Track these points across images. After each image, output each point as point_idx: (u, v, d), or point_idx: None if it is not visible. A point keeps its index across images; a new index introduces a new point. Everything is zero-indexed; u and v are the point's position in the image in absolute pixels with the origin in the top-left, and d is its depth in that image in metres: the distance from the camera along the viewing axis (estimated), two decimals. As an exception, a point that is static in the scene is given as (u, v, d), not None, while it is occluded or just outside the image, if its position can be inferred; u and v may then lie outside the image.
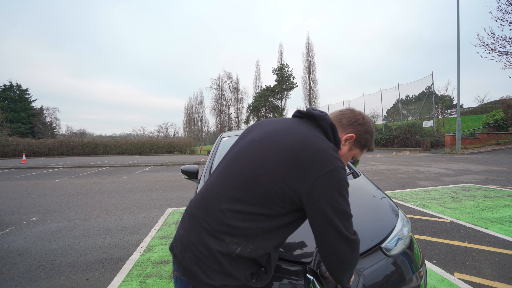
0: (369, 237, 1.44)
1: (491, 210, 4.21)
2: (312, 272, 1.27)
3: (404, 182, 7.10)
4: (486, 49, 14.95)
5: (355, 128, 1.00)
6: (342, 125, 1.01)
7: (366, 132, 1.01)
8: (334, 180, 0.79)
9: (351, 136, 0.98)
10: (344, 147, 1.01)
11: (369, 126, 1.02)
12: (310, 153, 0.81)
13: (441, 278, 2.35)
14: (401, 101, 23.43)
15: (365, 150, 1.05)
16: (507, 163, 10.07)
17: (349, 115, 1.02)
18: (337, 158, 0.82)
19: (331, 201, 0.79)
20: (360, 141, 1.01)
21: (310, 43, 37.72)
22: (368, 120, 1.03)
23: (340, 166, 0.81)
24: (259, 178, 0.83)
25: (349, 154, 1.03)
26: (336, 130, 0.92)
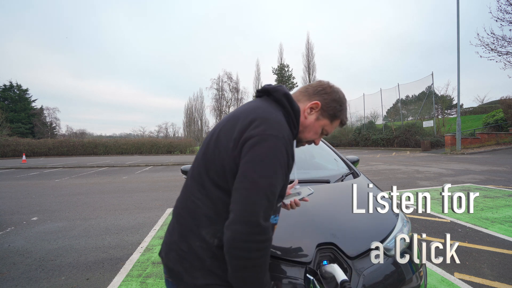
0: (369, 237, 1.44)
1: (491, 210, 4.21)
2: (312, 272, 1.27)
3: (404, 182, 7.10)
4: (486, 49, 14.96)
5: (321, 96, 0.95)
6: (308, 94, 0.97)
7: (333, 101, 0.95)
8: (260, 146, 0.75)
9: (316, 103, 0.93)
10: (310, 116, 0.95)
11: (338, 95, 0.96)
12: (247, 120, 0.81)
13: (441, 278, 2.35)
14: (401, 101, 23.43)
15: (336, 122, 0.99)
16: (507, 163, 10.07)
17: (315, 85, 0.98)
18: (274, 127, 0.79)
19: (249, 165, 0.75)
20: (328, 110, 0.95)
21: (310, 43, 37.71)
22: (337, 90, 0.97)
23: (274, 135, 0.77)
24: (218, 154, 0.83)
25: (317, 125, 0.96)
26: (291, 98, 0.91)
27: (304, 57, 37.68)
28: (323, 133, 1.00)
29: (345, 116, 0.99)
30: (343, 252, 1.34)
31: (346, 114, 1.00)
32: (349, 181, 2.14)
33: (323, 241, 1.37)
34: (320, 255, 1.34)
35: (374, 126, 25.18)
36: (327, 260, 1.32)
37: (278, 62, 41.00)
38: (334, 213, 1.66)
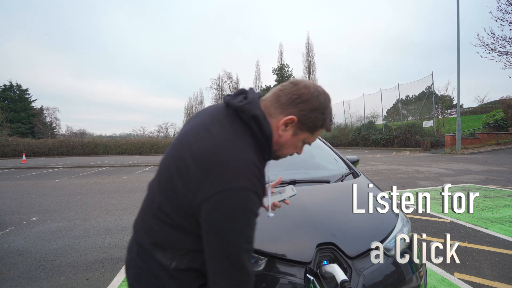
0: (369, 237, 1.44)
1: (491, 210, 4.22)
2: (312, 272, 1.27)
3: (404, 182, 7.10)
4: (486, 49, 14.96)
5: (297, 107, 0.76)
6: (280, 105, 0.77)
7: (313, 111, 0.76)
8: (222, 205, 0.64)
9: (291, 119, 0.75)
10: (285, 133, 0.78)
11: (318, 101, 0.77)
12: (202, 169, 0.67)
13: (441, 278, 2.35)
14: (401, 101, 23.43)
15: (318, 132, 0.82)
16: (507, 163, 10.07)
17: (289, 90, 0.78)
18: (239, 176, 0.66)
19: (215, 232, 0.66)
20: (307, 123, 0.77)
21: (310, 43, 37.70)
22: (316, 93, 0.77)
23: (240, 187, 0.65)
24: (172, 189, 0.72)
25: (296, 140, 0.81)
26: (261, 123, 0.74)
27: (304, 57, 37.70)
28: (304, 144, 0.86)
29: (329, 122, 0.82)
30: (343, 252, 1.34)
31: (331, 118, 0.82)
32: (349, 181, 2.14)
33: (323, 241, 1.37)
34: (320, 255, 1.34)
35: (374, 126, 25.18)
36: (327, 260, 1.32)
37: (278, 62, 41.01)
38: (334, 213, 1.66)
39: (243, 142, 0.72)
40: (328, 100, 0.81)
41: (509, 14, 14.15)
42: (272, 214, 0.94)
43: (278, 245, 1.39)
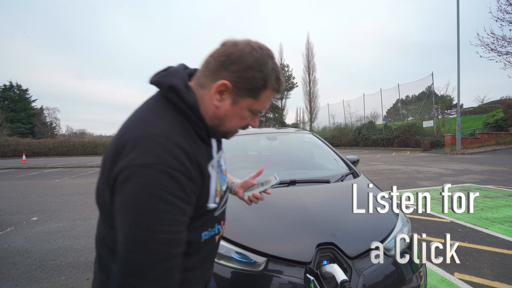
0: (369, 237, 1.44)
1: (491, 210, 4.22)
2: (312, 272, 1.27)
3: (404, 182, 7.10)
4: (486, 49, 14.95)
5: (228, 69, 0.65)
6: (211, 72, 0.66)
7: (247, 70, 0.64)
8: (130, 186, 0.56)
9: (223, 84, 0.64)
10: (223, 103, 0.67)
11: (251, 57, 0.65)
12: (121, 141, 0.60)
13: (441, 278, 2.35)
14: (401, 101, 23.43)
15: (264, 95, 0.69)
16: (507, 163, 10.07)
17: (217, 54, 0.67)
18: (149, 151, 0.57)
19: (120, 213, 0.57)
20: (244, 86, 0.65)
21: (310, 43, 37.66)
22: (248, 49, 0.65)
23: (146, 164, 0.55)
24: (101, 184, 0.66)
25: (238, 109, 0.69)
26: (180, 92, 0.65)
27: (304, 57, 37.67)
28: (255, 113, 0.72)
29: (275, 81, 0.69)
30: (343, 252, 1.34)
31: (277, 76, 0.69)
32: (349, 181, 2.14)
33: (323, 241, 1.37)
34: (320, 255, 1.34)
35: (374, 126, 25.17)
36: (327, 260, 1.32)
37: (278, 62, 40.92)
38: (334, 213, 1.66)
39: (161, 118, 0.63)
40: (267, 55, 0.67)
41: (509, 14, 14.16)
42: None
43: (278, 245, 1.39)
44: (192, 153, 0.62)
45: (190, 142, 0.64)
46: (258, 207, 1.68)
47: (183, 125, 0.65)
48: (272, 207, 1.71)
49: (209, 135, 0.70)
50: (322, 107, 35.33)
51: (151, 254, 0.55)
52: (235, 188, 1.03)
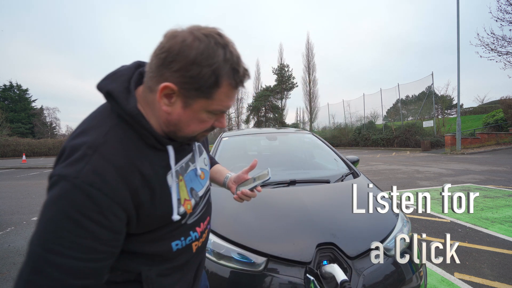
0: (369, 237, 1.44)
1: (491, 210, 4.22)
2: (312, 272, 1.27)
3: (404, 182, 7.10)
4: (486, 49, 14.95)
5: (170, 68, 0.54)
6: (153, 72, 0.57)
7: (191, 66, 0.53)
8: (47, 196, 0.51)
9: (166, 87, 0.55)
10: (173, 108, 0.58)
11: (193, 51, 0.53)
12: (60, 150, 0.57)
13: (441, 278, 2.35)
14: (401, 101, 23.43)
15: (219, 92, 0.57)
16: (507, 163, 10.07)
17: (158, 48, 0.56)
18: (73, 163, 0.52)
19: (35, 233, 0.50)
20: (192, 85, 0.55)
21: (310, 43, 37.65)
22: (189, 41, 0.54)
23: (64, 176, 0.50)
24: None
25: (193, 113, 0.59)
26: (116, 97, 0.58)
27: (304, 57, 37.67)
28: (216, 113, 0.62)
29: (231, 73, 0.57)
30: (343, 252, 1.34)
31: (234, 66, 0.57)
32: (349, 181, 2.14)
33: (323, 241, 1.37)
34: (320, 255, 1.34)
35: (374, 126, 25.17)
36: (327, 260, 1.32)
37: (278, 62, 40.96)
38: (334, 213, 1.66)
39: (99, 128, 0.58)
40: (216, 43, 0.55)
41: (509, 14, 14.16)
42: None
43: (278, 245, 1.39)
44: (128, 168, 0.56)
45: (130, 155, 0.57)
46: (258, 207, 1.69)
47: (126, 135, 0.59)
48: (272, 207, 1.71)
49: (161, 142, 0.62)
50: (322, 107, 35.36)
51: (40, 277, 0.47)
52: (229, 183, 0.97)
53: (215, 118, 0.64)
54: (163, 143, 0.63)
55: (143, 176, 0.58)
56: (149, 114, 0.61)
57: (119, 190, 0.54)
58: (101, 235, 0.52)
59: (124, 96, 0.59)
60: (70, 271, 0.49)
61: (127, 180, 0.55)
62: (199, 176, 0.76)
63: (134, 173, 0.57)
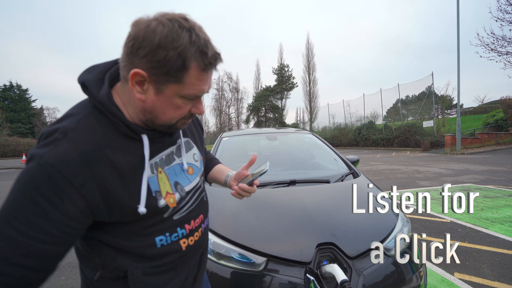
0: (369, 237, 1.44)
1: (491, 210, 4.22)
2: (312, 272, 1.27)
3: (404, 182, 7.10)
4: (486, 49, 14.95)
5: (137, 55, 0.55)
6: (124, 61, 0.58)
7: (156, 51, 0.54)
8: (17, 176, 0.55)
9: (135, 73, 0.56)
10: (146, 95, 0.59)
11: (157, 35, 0.54)
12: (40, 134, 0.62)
13: (441, 278, 2.35)
14: (401, 101, 23.43)
15: (188, 75, 0.57)
16: (507, 163, 10.07)
17: (127, 37, 0.57)
18: (43, 144, 0.55)
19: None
20: (160, 70, 0.55)
21: (310, 43, 37.66)
22: (153, 26, 0.54)
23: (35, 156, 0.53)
24: None
25: (166, 99, 0.60)
26: (88, 87, 0.61)
27: (304, 57, 37.67)
28: (191, 98, 0.62)
29: (198, 53, 0.56)
30: (343, 252, 1.34)
31: (202, 49, 0.56)
32: (349, 181, 2.14)
33: (323, 241, 1.37)
34: (320, 255, 1.34)
35: (374, 126, 25.17)
36: (327, 260, 1.32)
37: (278, 62, 40.99)
38: (334, 213, 1.66)
39: (74, 115, 0.60)
40: (179, 27, 0.55)
41: (509, 14, 14.16)
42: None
43: (278, 245, 1.39)
44: (95, 154, 0.57)
45: (99, 142, 0.58)
46: (258, 207, 1.69)
47: (99, 123, 0.60)
48: (272, 207, 1.71)
49: (134, 130, 0.62)
50: (322, 107, 35.37)
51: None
52: (229, 181, 0.96)
53: (192, 104, 0.64)
54: (136, 131, 0.62)
55: (112, 163, 0.58)
56: (127, 104, 0.63)
57: (79, 174, 0.54)
58: (53, 216, 0.52)
59: (96, 86, 0.61)
60: (15, 245, 0.51)
61: (92, 166, 0.56)
62: (186, 170, 0.75)
63: (101, 160, 0.57)
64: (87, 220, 0.58)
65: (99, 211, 0.58)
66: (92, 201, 0.56)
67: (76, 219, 0.55)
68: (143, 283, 0.67)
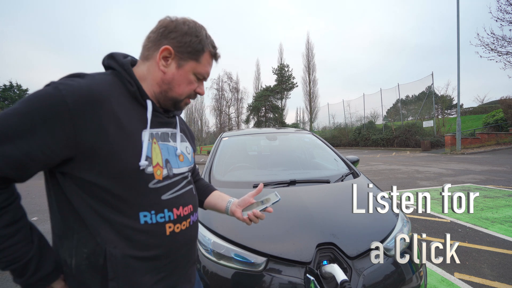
0: (369, 237, 1.44)
1: (491, 210, 4.22)
2: (312, 272, 1.27)
3: (404, 182, 7.10)
4: (486, 49, 14.95)
5: (168, 37, 0.73)
6: (153, 43, 0.74)
7: (185, 35, 0.73)
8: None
9: (166, 49, 0.72)
10: (169, 68, 0.74)
11: (186, 26, 0.74)
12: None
13: (441, 278, 2.35)
14: (401, 101, 23.42)
15: (205, 58, 0.77)
16: (507, 163, 10.06)
17: (155, 27, 0.75)
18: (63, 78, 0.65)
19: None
20: (186, 49, 0.74)
21: (310, 43, 37.64)
22: (182, 21, 0.75)
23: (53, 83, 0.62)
24: None
25: (184, 73, 0.76)
26: (114, 55, 0.75)
27: (304, 57, 37.67)
28: (200, 78, 0.80)
29: (211, 44, 0.79)
30: (343, 252, 1.34)
31: (212, 41, 0.79)
32: (349, 181, 2.14)
33: (323, 241, 1.37)
34: (320, 255, 1.34)
35: (374, 126, 25.16)
36: (327, 260, 1.32)
37: (278, 62, 40.98)
38: (334, 213, 1.66)
39: (94, 76, 0.69)
40: (199, 26, 0.77)
41: (509, 14, 14.15)
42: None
43: (278, 245, 1.39)
44: (103, 100, 0.64)
45: (110, 94, 0.66)
46: (258, 207, 1.69)
47: (114, 81, 0.70)
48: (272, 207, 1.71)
49: (142, 94, 0.73)
50: (322, 107, 35.36)
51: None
52: (232, 207, 0.97)
53: (198, 85, 0.80)
54: (144, 94, 0.73)
55: (114, 113, 0.65)
56: (142, 79, 0.75)
57: (81, 109, 0.60)
58: (40, 133, 0.58)
59: (122, 56, 0.77)
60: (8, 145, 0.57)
61: (95, 108, 0.62)
62: (178, 156, 0.81)
63: (105, 106, 0.64)
64: (68, 153, 0.62)
65: (88, 149, 0.62)
66: (83, 138, 0.61)
67: (53, 148, 0.60)
68: (121, 266, 0.66)
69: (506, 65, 14.93)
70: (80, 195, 0.65)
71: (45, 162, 0.61)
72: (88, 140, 0.61)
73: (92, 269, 0.66)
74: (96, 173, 0.64)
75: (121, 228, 0.67)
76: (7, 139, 0.57)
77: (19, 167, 0.59)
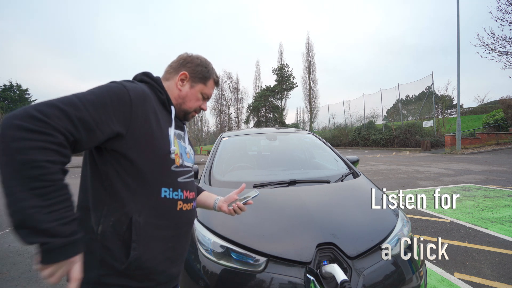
0: (369, 237, 1.44)
1: (491, 210, 4.21)
2: (312, 272, 1.27)
3: (404, 182, 7.10)
4: (486, 49, 14.94)
5: (186, 66, 1.01)
6: (174, 69, 1.02)
7: (198, 66, 1.03)
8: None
9: (184, 74, 1.00)
10: (184, 87, 1.01)
11: (199, 60, 1.04)
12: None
13: (441, 278, 2.35)
14: (401, 101, 23.42)
15: (210, 83, 1.06)
16: (507, 163, 10.06)
17: (176, 60, 1.04)
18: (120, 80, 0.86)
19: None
20: (197, 75, 1.02)
21: (310, 43, 37.65)
22: (196, 56, 1.05)
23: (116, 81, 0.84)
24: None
25: (194, 92, 1.03)
26: (148, 73, 0.98)
27: (304, 57, 37.67)
28: (205, 98, 1.07)
29: (215, 74, 1.07)
30: (343, 252, 1.34)
31: (216, 73, 1.08)
32: (349, 181, 2.14)
33: (323, 241, 1.37)
34: (320, 255, 1.34)
35: (374, 126, 25.16)
36: (327, 260, 1.32)
37: (278, 62, 40.98)
38: (334, 213, 1.66)
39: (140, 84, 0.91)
40: (208, 62, 1.07)
41: (509, 14, 14.15)
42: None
43: (278, 245, 1.39)
44: (149, 98, 0.87)
45: (152, 97, 0.90)
46: (258, 207, 1.69)
47: (149, 90, 0.91)
48: (272, 207, 1.71)
49: (169, 101, 0.97)
50: (322, 107, 35.37)
51: (60, 107, 0.68)
52: (219, 203, 1.16)
53: (202, 102, 1.07)
54: (170, 101, 0.98)
55: (155, 110, 0.88)
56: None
57: (137, 103, 0.82)
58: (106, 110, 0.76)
59: (151, 74, 0.99)
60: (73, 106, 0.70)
61: (146, 104, 0.85)
62: (187, 153, 1.02)
63: (151, 105, 0.87)
64: (121, 129, 0.79)
65: (136, 132, 0.81)
66: (133, 121, 0.81)
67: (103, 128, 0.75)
68: (143, 230, 0.81)
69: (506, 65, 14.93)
70: (117, 170, 0.80)
71: (106, 132, 0.75)
72: (137, 124, 0.81)
73: (115, 235, 0.79)
74: (137, 152, 0.81)
75: (146, 199, 0.83)
76: (86, 109, 0.72)
77: (89, 130, 0.72)
